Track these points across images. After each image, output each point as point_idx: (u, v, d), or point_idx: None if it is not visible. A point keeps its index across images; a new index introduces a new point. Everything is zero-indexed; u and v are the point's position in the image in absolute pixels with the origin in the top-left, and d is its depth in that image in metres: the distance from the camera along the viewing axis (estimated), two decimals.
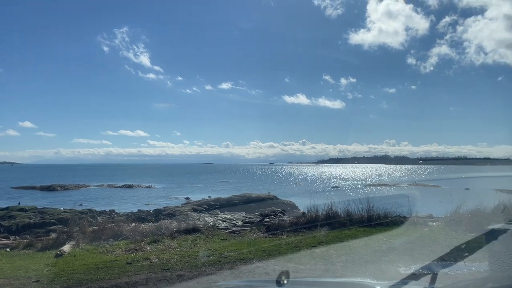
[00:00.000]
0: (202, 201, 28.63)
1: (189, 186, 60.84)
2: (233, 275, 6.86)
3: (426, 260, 7.05)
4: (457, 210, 11.51)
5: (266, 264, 7.49)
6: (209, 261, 7.81)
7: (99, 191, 50.41)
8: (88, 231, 11.22)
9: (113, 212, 24.24)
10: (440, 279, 2.25)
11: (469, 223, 10.39)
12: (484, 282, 2.43)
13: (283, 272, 2.27)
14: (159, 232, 11.03)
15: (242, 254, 8.30)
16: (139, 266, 7.66)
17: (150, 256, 8.42)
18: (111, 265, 7.78)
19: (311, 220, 11.91)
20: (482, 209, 11.03)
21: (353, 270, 7.00)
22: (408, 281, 2.31)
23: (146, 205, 31.63)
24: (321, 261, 7.61)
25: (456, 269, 4.73)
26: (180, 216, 18.15)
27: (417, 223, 11.48)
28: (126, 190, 52.39)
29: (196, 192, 45.76)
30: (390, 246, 8.81)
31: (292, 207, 24.66)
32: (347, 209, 12.22)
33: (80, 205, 30.50)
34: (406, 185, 53.36)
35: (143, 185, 59.36)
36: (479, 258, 3.74)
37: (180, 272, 7.07)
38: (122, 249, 9.44)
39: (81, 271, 7.37)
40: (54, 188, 52.49)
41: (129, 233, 11.13)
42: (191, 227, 11.75)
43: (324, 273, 6.77)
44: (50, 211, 23.14)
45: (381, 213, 11.95)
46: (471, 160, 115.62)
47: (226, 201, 27.44)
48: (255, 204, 25.30)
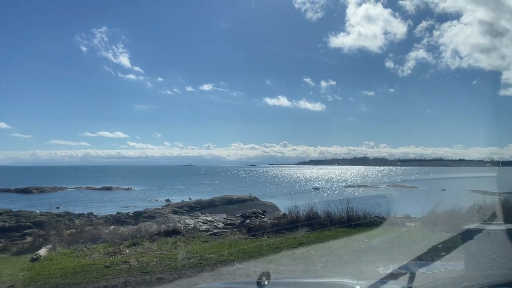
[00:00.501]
0: (182, 203, 28.38)
1: (169, 188, 60.27)
2: (213, 277, 6.83)
3: (404, 260, 7.18)
4: (434, 210, 11.76)
5: (247, 265, 7.49)
6: (189, 264, 7.75)
7: (77, 194, 49.41)
8: (65, 235, 11.00)
9: (91, 214, 23.73)
10: (418, 278, 2.29)
11: (446, 223, 10.63)
12: (460, 280, 2.49)
13: (264, 274, 2.27)
14: (138, 235, 10.90)
15: (223, 256, 8.28)
16: (118, 269, 7.54)
17: (129, 259, 8.30)
18: (89, 268, 7.63)
19: (292, 221, 11.97)
20: (458, 210, 11.30)
21: (333, 270, 7.07)
22: (387, 281, 2.34)
23: (126, 207, 31.14)
24: (302, 262, 7.65)
25: (433, 268, 4.83)
26: (160, 218, 17.94)
27: (395, 224, 11.67)
28: (105, 193, 51.52)
29: (177, 194, 45.33)
30: (369, 246, 8.93)
31: (273, 208, 24.69)
32: (327, 210, 12.34)
33: (57, 208, 29.79)
34: (385, 186, 54.21)
35: (122, 187, 58.51)
36: (455, 257, 3.83)
37: (160, 275, 7.00)
38: (100, 253, 9.28)
39: (58, 275, 7.21)
40: (30, 190, 51.17)
41: (107, 236, 10.96)
42: (172, 229, 11.64)
43: (305, 274, 6.81)
44: (25, 214, 22.51)
45: (361, 213, 12.12)
46: (447, 162, 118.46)
47: (207, 203, 27.26)
48: (236, 205, 25.22)
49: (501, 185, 12.63)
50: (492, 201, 11.65)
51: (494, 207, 9.92)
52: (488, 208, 9.82)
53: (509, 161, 79.10)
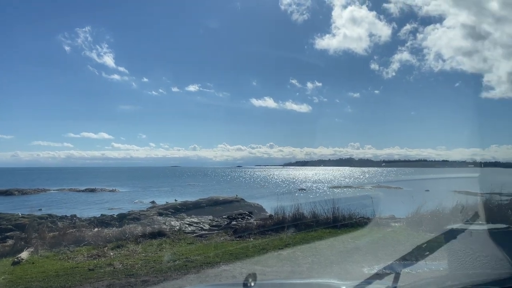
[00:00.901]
0: (168, 205, 28.17)
1: (155, 189, 59.73)
2: (199, 279, 6.79)
3: (389, 260, 7.24)
4: (418, 211, 11.92)
5: (233, 267, 7.47)
6: (175, 266, 7.69)
7: (60, 196, 48.59)
8: (48, 237, 10.81)
9: (74, 217, 23.37)
10: (402, 278, 2.31)
11: (430, 223, 10.78)
12: (444, 280, 2.51)
13: (250, 275, 2.26)
14: (123, 237, 10.77)
15: (209, 258, 8.24)
16: (102, 272, 7.44)
17: (114, 262, 8.20)
18: (72, 272, 7.51)
19: (278, 222, 11.99)
20: (441, 210, 11.47)
21: (319, 271, 7.10)
22: (372, 281, 2.35)
23: (110, 209, 30.77)
24: (288, 263, 7.66)
25: (417, 268, 4.88)
26: (145, 220, 17.78)
27: (380, 224, 11.79)
28: (88, 194, 50.79)
29: (162, 196, 44.94)
30: (354, 247, 9.00)
31: (259, 209, 24.70)
32: (313, 211, 12.40)
33: (39, 210, 29.23)
34: (370, 187, 54.76)
35: (106, 189, 57.74)
36: (439, 257, 3.88)
37: (145, 277, 6.93)
38: (84, 255, 9.16)
39: (40, 278, 7.08)
40: (11, 192, 50.08)
41: (91, 238, 10.82)
42: (157, 231, 11.55)
43: (291, 275, 6.82)
44: (6, 216, 22.04)
45: (346, 214, 12.22)
46: (431, 163, 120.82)
47: (193, 204, 27.11)
48: (222, 207, 25.15)
49: (483, 186, 12.89)
50: (475, 201, 11.86)
51: (476, 207, 10.10)
52: (471, 208, 10.00)
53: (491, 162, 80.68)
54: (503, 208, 10.43)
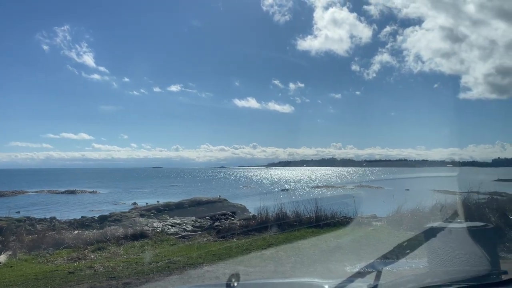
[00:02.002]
0: (150, 206, 27.89)
1: (136, 190, 59.07)
2: (182, 281, 6.75)
3: (370, 259, 7.33)
4: (399, 210, 12.11)
5: (216, 268, 7.44)
6: (157, 267, 7.62)
7: (39, 198, 47.58)
8: (26, 240, 10.58)
9: (54, 219, 22.88)
10: (384, 276, 2.34)
11: (410, 222, 10.96)
12: (424, 277, 2.56)
13: (233, 275, 2.25)
14: (104, 239, 10.62)
15: (192, 259, 8.19)
16: (82, 275, 7.32)
17: (95, 265, 8.08)
18: (51, 275, 7.36)
19: (261, 222, 12.01)
20: (421, 209, 11.67)
21: (302, 270, 7.14)
22: (354, 279, 2.37)
23: (91, 211, 30.28)
24: (271, 263, 7.68)
25: (398, 266, 4.96)
26: (126, 222, 17.57)
27: (362, 223, 11.94)
28: (68, 196, 49.85)
29: (144, 197, 44.47)
30: (337, 246, 9.09)
31: (242, 210, 24.69)
32: (296, 210, 12.47)
33: (17, 212, 28.55)
34: (352, 186, 55.43)
35: (87, 191, 56.78)
36: (419, 255, 3.96)
37: (127, 279, 6.84)
38: (64, 258, 8.99)
39: (19, 282, 6.92)
40: None
41: (71, 241, 10.63)
42: (139, 233, 11.42)
43: (274, 275, 6.84)
44: None
45: (329, 214, 12.32)
46: (411, 162, 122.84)
47: (176, 205, 26.90)
48: (205, 207, 25.05)
49: (461, 185, 13.17)
50: (453, 200, 12.13)
51: (455, 206, 10.35)
52: (450, 207, 10.23)
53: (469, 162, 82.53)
54: (481, 207, 10.67)
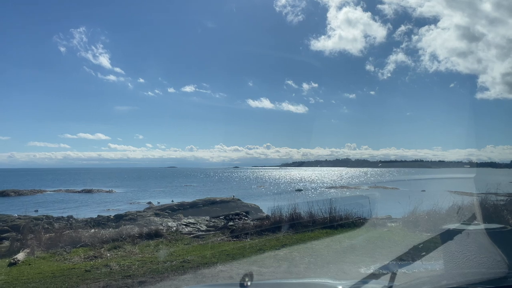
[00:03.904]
0: (165, 206, 28.13)
1: (151, 190, 59.61)
2: (196, 280, 6.78)
3: (385, 260, 7.27)
4: (414, 211, 11.95)
5: (230, 267, 7.46)
6: (172, 266, 7.68)
7: (56, 196, 48.38)
8: (44, 238, 10.77)
9: (71, 218, 23.25)
10: (398, 278, 2.32)
11: (426, 224, 10.81)
12: (440, 279, 2.52)
13: (246, 275, 2.26)
14: (120, 238, 10.74)
15: (206, 258, 8.23)
16: (99, 273, 7.42)
17: (110, 263, 8.18)
18: (68, 273, 7.48)
19: (275, 223, 11.99)
20: (438, 210, 11.51)
21: (316, 271, 7.10)
22: (368, 281, 2.36)
23: (107, 210, 30.71)
24: (285, 263, 7.67)
25: (414, 268, 4.90)
26: (142, 221, 17.75)
27: (376, 224, 11.83)
28: (85, 195, 50.59)
29: (159, 197, 44.88)
30: (351, 247, 9.02)
31: (256, 210, 24.70)
32: (310, 211, 12.41)
33: (35, 211, 29.14)
34: (367, 187, 54.91)
35: (103, 190, 57.53)
36: (435, 257, 3.90)
37: (142, 278, 6.91)
38: (80, 256, 9.13)
39: (36, 279, 7.05)
40: (7, 193, 49.81)
41: (88, 239, 10.77)
42: (154, 232, 11.52)
43: (288, 275, 6.83)
44: (3, 217, 21.92)
45: (343, 214, 12.23)
46: (427, 163, 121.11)
47: (190, 205, 27.09)
48: (219, 207, 25.15)
49: (479, 186, 12.94)
50: (471, 201, 11.91)
51: (472, 207, 10.15)
52: (467, 208, 10.05)
53: (487, 162, 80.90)
54: (499, 208, 10.46)
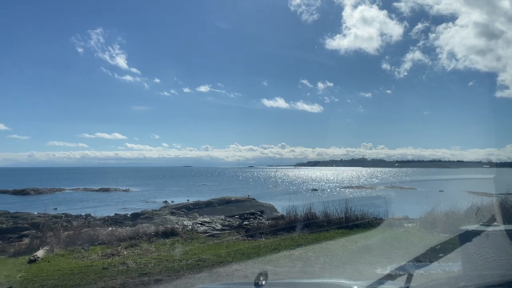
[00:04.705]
0: (180, 205, 28.34)
1: (167, 189, 60.13)
2: (211, 279, 6.82)
3: (402, 261, 7.19)
4: (432, 211, 11.78)
5: (245, 266, 7.48)
6: (187, 265, 7.74)
7: (75, 195, 49.24)
8: (63, 236, 10.96)
9: (89, 216, 23.64)
10: (415, 279, 2.29)
11: (444, 225, 10.64)
12: (458, 280, 2.48)
13: (261, 274, 2.26)
14: (136, 236, 10.87)
15: (221, 257, 8.27)
16: (116, 271, 7.52)
17: (127, 261, 8.29)
18: (86, 270, 7.61)
19: (290, 222, 11.97)
20: (456, 211, 11.31)
21: (331, 271, 7.06)
22: (384, 281, 2.34)
23: (123, 208, 31.07)
24: (300, 263, 7.65)
25: (430, 269, 4.83)
26: (158, 219, 17.93)
27: (393, 225, 11.69)
28: (102, 194, 51.35)
29: (175, 196, 45.26)
30: (367, 247, 8.94)
31: (271, 209, 24.67)
32: (325, 211, 12.35)
33: (54, 209, 29.71)
34: (383, 187, 54.33)
35: (120, 189, 58.30)
36: (453, 258, 3.83)
37: (158, 276, 6.98)
38: (98, 254, 9.26)
39: (56, 276, 7.19)
40: (27, 192, 50.93)
41: (105, 237, 10.93)
42: (169, 230, 11.62)
43: (303, 275, 6.81)
44: (23, 215, 22.43)
45: (359, 214, 12.14)
46: (445, 163, 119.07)
47: (205, 204, 27.23)
48: (234, 206, 25.22)
49: (499, 186, 12.66)
50: (490, 202, 11.67)
51: (492, 208, 9.95)
52: (486, 209, 9.85)
53: (507, 162, 79.18)
54: None
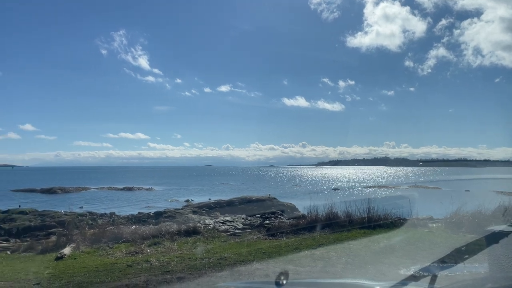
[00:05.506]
0: (202, 203, 28.61)
1: (189, 188, 60.76)
2: (233, 277, 6.85)
3: (426, 262, 7.05)
4: (458, 211, 11.50)
5: (266, 265, 7.48)
6: (209, 263, 7.81)
7: (100, 194, 50.33)
8: (88, 234, 11.21)
9: (113, 214, 24.14)
10: (439, 280, 2.25)
11: (470, 225, 10.38)
12: (483, 282, 2.43)
13: (282, 273, 2.27)
14: (159, 235, 11.02)
15: (242, 256, 8.30)
16: (140, 268, 7.65)
17: (151, 259, 8.42)
18: (111, 267, 7.77)
19: (311, 222, 11.91)
20: (483, 211, 11.02)
21: (353, 271, 6.99)
22: (407, 282, 2.31)
23: (147, 207, 31.59)
24: (321, 263, 7.60)
25: (456, 271, 4.72)
26: (180, 218, 18.13)
27: (417, 225, 11.48)
28: (126, 193, 52.30)
29: (197, 195, 45.69)
30: (390, 248, 8.81)
31: (292, 208, 24.61)
32: (347, 210, 12.21)
33: (80, 207, 30.48)
34: (406, 186, 53.40)
35: (143, 188, 59.25)
36: (479, 260, 3.73)
37: (181, 274, 7.06)
38: (122, 252, 9.43)
39: (82, 273, 7.36)
40: (55, 190, 52.38)
41: (129, 235, 11.11)
42: (191, 229, 11.73)
43: (324, 275, 6.76)
44: (50, 213, 23.10)
45: (381, 214, 11.95)
46: (471, 162, 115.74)
47: (226, 203, 27.42)
48: (255, 205, 25.28)
49: None
50: None
51: None
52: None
53: None
54: None
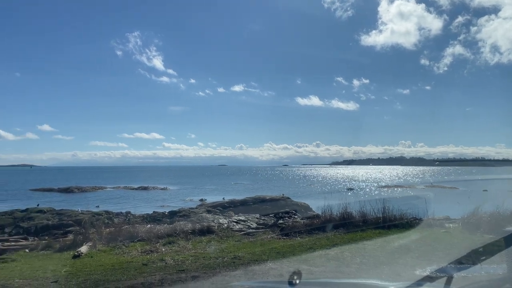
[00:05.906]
0: (216, 203, 28.71)
1: (203, 188, 61.04)
2: (247, 276, 6.87)
3: (442, 263, 6.95)
4: (475, 212, 11.30)
5: (280, 265, 7.48)
6: (223, 262, 7.84)
7: (115, 193, 50.93)
8: (105, 232, 11.36)
9: (129, 213, 24.43)
10: (455, 281, 2.22)
11: (488, 225, 10.19)
12: (500, 283, 2.38)
13: (295, 273, 2.27)
14: (174, 234, 11.10)
15: (256, 255, 8.31)
16: (155, 267, 7.73)
17: (165, 257, 8.49)
18: (127, 266, 7.87)
19: (325, 222, 11.86)
20: (502, 212, 10.81)
21: (368, 272, 6.94)
22: (423, 283, 2.28)
23: (161, 206, 31.87)
24: (335, 263, 7.56)
25: (472, 272, 4.64)
26: (194, 217, 18.23)
27: (433, 225, 11.32)
28: (141, 192, 52.82)
29: (211, 194, 45.87)
30: (405, 248, 8.72)
31: (305, 208, 24.51)
32: (362, 210, 12.11)
33: (97, 206, 30.95)
34: (422, 186, 52.69)
35: (158, 187, 59.76)
36: (497, 261, 3.66)
37: (195, 273, 7.11)
38: (138, 250, 9.54)
39: (98, 271, 7.48)
40: (72, 190, 53.22)
41: (144, 234, 11.23)
42: (206, 228, 11.80)
43: (338, 275, 6.73)
44: (67, 212, 23.45)
45: (397, 214, 11.82)
46: (490, 162, 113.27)
47: (240, 202, 27.46)
48: (269, 205, 25.26)
49: None
50: None
51: None
52: None
53: None
54: None
